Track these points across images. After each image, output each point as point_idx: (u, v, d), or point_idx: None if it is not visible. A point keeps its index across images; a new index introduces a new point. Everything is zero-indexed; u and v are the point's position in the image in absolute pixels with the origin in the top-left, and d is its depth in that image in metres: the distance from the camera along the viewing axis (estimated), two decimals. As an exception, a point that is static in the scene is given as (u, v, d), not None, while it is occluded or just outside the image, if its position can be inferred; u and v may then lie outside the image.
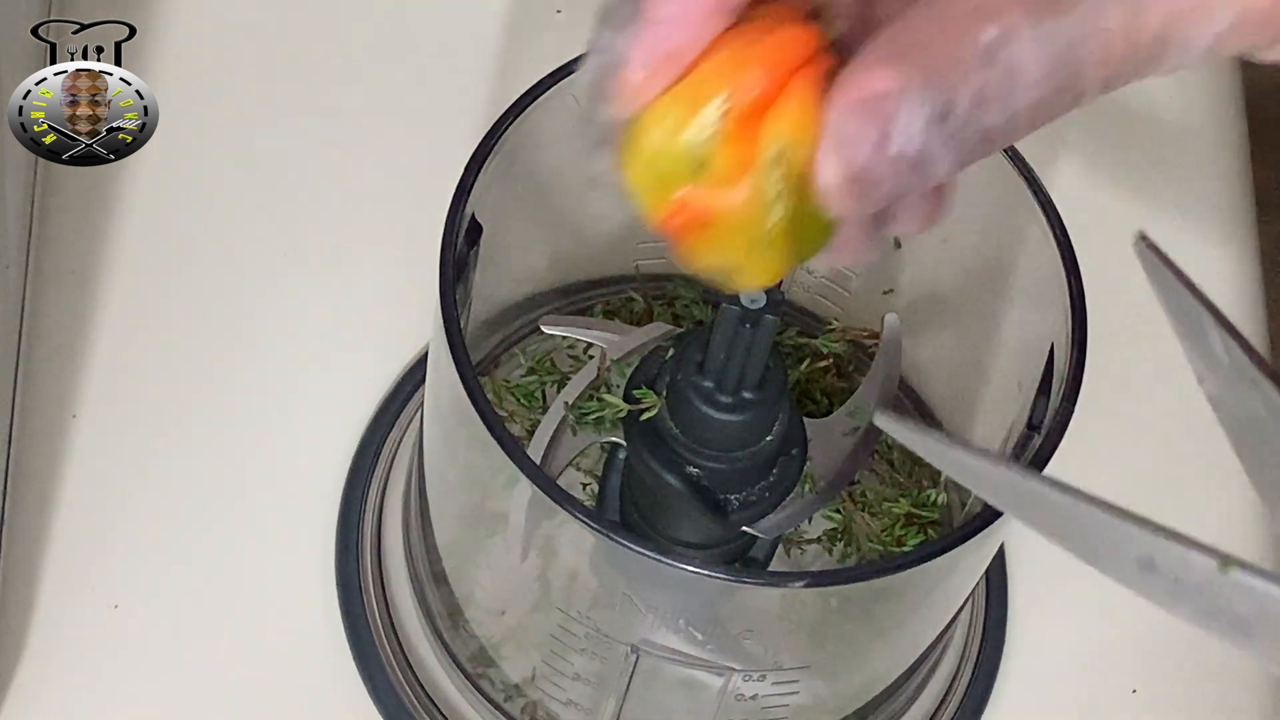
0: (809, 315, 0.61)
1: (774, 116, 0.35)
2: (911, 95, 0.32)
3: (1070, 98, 0.33)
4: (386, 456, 0.62)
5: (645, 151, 0.36)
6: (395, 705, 0.58)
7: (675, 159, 0.35)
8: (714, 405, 0.48)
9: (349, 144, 0.69)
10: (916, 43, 0.33)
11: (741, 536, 0.52)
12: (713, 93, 0.35)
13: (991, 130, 0.33)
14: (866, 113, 0.33)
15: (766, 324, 0.46)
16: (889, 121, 0.32)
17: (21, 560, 0.59)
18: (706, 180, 0.35)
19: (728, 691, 0.51)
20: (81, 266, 0.65)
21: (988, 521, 0.45)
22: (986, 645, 0.61)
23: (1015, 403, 0.52)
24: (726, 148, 0.35)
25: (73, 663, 0.58)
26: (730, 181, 0.35)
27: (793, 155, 0.35)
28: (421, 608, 0.58)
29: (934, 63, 0.32)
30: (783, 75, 0.35)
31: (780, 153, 0.35)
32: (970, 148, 0.33)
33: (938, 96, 0.32)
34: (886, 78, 0.32)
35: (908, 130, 0.32)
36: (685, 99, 0.35)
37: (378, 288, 0.66)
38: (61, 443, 0.61)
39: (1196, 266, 0.77)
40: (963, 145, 0.33)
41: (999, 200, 0.51)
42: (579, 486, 0.58)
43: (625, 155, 0.36)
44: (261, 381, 0.64)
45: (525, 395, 0.58)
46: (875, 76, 0.33)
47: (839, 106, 0.33)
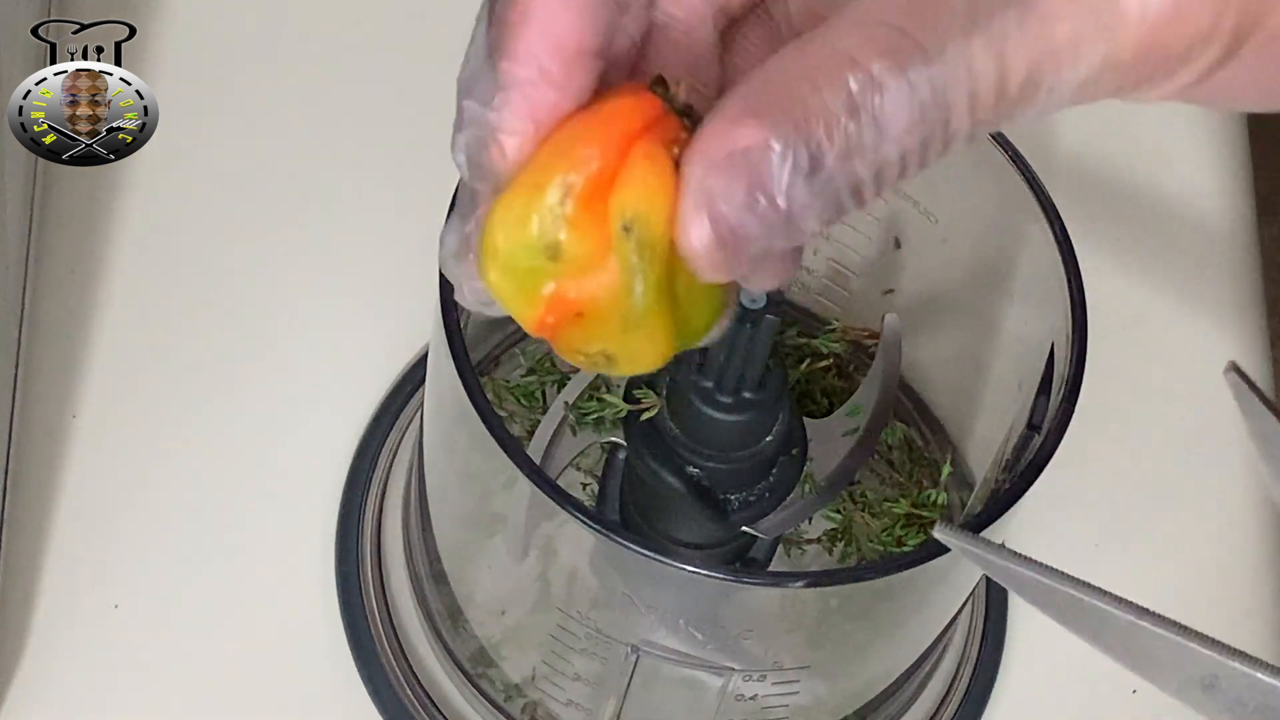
0: (809, 315, 0.61)
1: (620, 187, 0.33)
2: (779, 148, 0.31)
3: (939, 145, 0.32)
4: (386, 456, 0.62)
5: (498, 252, 0.34)
6: (395, 705, 0.58)
7: (528, 253, 0.33)
8: (714, 405, 0.48)
9: (349, 144, 0.69)
10: (779, 94, 0.31)
11: (741, 536, 0.52)
12: (551, 176, 0.33)
13: (861, 182, 0.31)
14: (733, 168, 0.31)
15: (766, 324, 0.46)
16: (758, 176, 0.31)
17: (21, 560, 0.59)
18: (567, 270, 0.33)
19: (728, 691, 0.51)
20: (81, 266, 0.65)
21: (988, 521, 0.45)
22: (986, 645, 0.61)
23: (1015, 403, 0.52)
24: (576, 230, 0.33)
25: (73, 663, 0.58)
26: (591, 266, 0.33)
27: (645, 224, 0.33)
28: (421, 608, 0.58)
29: (800, 114, 0.31)
30: (623, 144, 0.33)
31: (630, 223, 0.33)
32: (840, 200, 0.32)
33: (805, 149, 0.31)
34: (752, 131, 0.31)
35: (777, 185, 0.31)
36: (525, 189, 0.33)
37: (378, 288, 0.66)
38: (61, 443, 0.61)
39: (1197, 266, 0.77)
40: (832, 198, 0.31)
41: (999, 200, 0.51)
42: (579, 486, 0.58)
43: (481, 261, 0.34)
44: (261, 381, 0.64)
45: (525, 395, 0.58)
46: (740, 130, 0.31)
47: (701, 163, 0.32)
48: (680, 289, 0.34)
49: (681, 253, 0.32)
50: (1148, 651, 0.33)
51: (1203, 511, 0.66)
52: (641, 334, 0.34)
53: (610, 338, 0.34)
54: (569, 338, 0.34)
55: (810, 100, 0.31)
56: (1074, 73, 0.31)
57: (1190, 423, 0.68)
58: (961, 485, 0.58)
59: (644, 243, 0.33)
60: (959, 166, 0.52)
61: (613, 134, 0.33)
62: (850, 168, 0.31)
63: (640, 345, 0.34)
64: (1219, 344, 0.70)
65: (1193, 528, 0.66)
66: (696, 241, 0.32)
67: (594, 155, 0.33)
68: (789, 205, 0.31)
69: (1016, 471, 0.47)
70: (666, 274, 0.33)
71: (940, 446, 0.60)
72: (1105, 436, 0.65)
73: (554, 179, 0.33)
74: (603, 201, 0.33)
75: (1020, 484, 0.46)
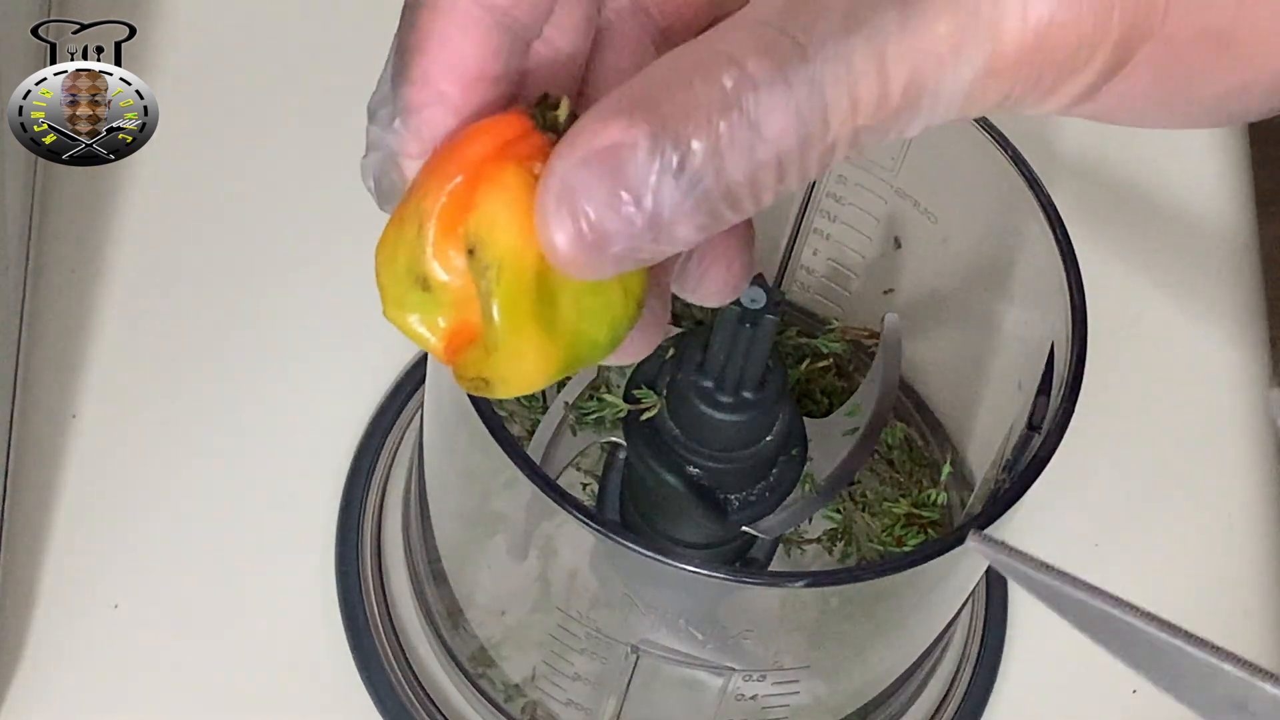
0: (809, 315, 0.61)
1: (472, 210, 0.32)
2: (647, 145, 0.30)
3: (818, 153, 0.31)
4: (386, 456, 0.62)
5: (387, 291, 0.34)
6: (395, 705, 0.58)
7: (404, 288, 0.33)
8: (714, 405, 0.48)
9: (349, 144, 0.69)
10: (650, 92, 0.30)
11: (741, 536, 0.52)
12: (412, 207, 0.33)
13: (734, 187, 0.30)
14: (597, 164, 0.30)
15: (766, 324, 0.46)
16: (622, 173, 0.30)
17: (21, 560, 0.59)
18: (447, 299, 0.33)
19: (728, 691, 0.51)
20: (81, 266, 0.65)
21: (988, 521, 0.45)
22: (986, 645, 0.61)
23: (1015, 403, 0.52)
24: (439, 259, 0.32)
25: (73, 663, 0.58)
26: (467, 294, 0.33)
27: (489, 244, 0.32)
28: (421, 608, 0.58)
29: (669, 110, 0.30)
30: (479, 167, 0.32)
31: (474, 244, 0.32)
32: (712, 207, 0.30)
33: (672, 145, 0.30)
34: (617, 128, 0.30)
35: (643, 182, 0.30)
36: (394, 223, 0.33)
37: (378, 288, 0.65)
38: (61, 443, 0.61)
39: (1197, 266, 0.77)
40: (703, 203, 0.30)
41: (999, 200, 0.51)
42: (579, 486, 0.58)
43: (383, 304, 0.34)
44: (262, 381, 0.64)
45: (525, 395, 0.58)
46: (605, 128, 0.30)
47: (565, 160, 0.31)
48: (567, 305, 0.33)
49: (544, 251, 0.31)
50: (1178, 670, 0.32)
51: (1203, 511, 0.66)
52: (507, 356, 0.33)
53: (480, 362, 0.33)
54: (461, 365, 0.34)
55: (682, 97, 0.30)
56: (957, 77, 0.31)
57: (1190, 422, 0.68)
58: (961, 485, 0.58)
59: (491, 264, 0.32)
60: (959, 166, 0.52)
61: (469, 156, 0.33)
62: (721, 168, 0.30)
63: (508, 368, 0.33)
64: (1219, 344, 0.70)
65: (1193, 528, 0.66)
66: (558, 240, 0.31)
67: (447, 181, 0.32)
68: (655, 205, 0.30)
69: (1016, 471, 0.47)
70: (531, 292, 0.32)
71: (940, 446, 0.60)
72: (1105, 436, 0.65)
73: (412, 210, 0.33)
74: (460, 235, 0.32)
75: (1020, 484, 0.46)
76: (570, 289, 0.33)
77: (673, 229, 0.31)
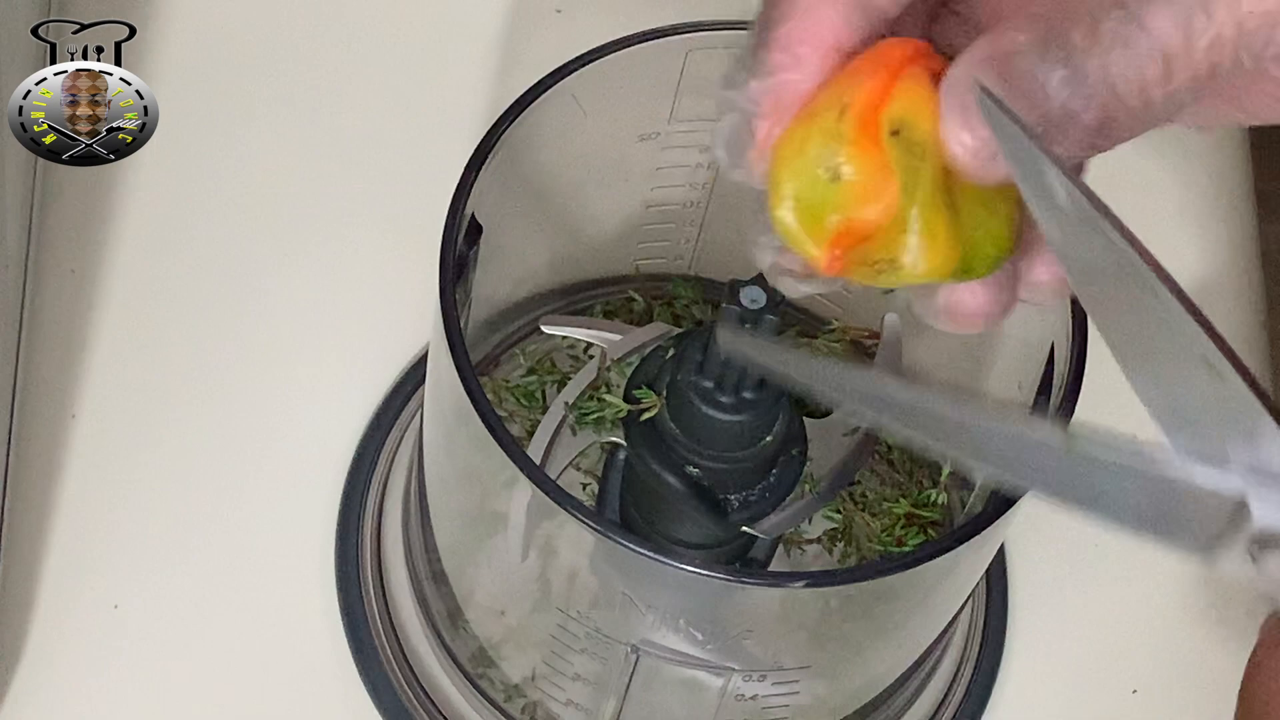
0: (809, 315, 0.61)
1: (889, 102, 0.34)
2: (1034, 46, 0.32)
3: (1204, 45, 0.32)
4: (386, 456, 0.62)
5: (781, 187, 0.35)
6: (395, 705, 0.58)
7: (811, 181, 0.35)
8: (714, 405, 0.48)
9: (349, 144, 0.69)
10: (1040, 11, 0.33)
11: (741, 536, 0.52)
12: (826, 105, 0.35)
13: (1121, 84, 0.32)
14: (991, 67, 0.32)
15: (766, 324, 0.46)
16: (1012, 71, 0.32)
17: (21, 560, 0.59)
18: (850, 194, 0.34)
19: (728, 692, 0.51)
20: (81, 266, 0.65)
21: (988, 521, 0.45)
22: (986, 645, 0.61)
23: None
24: (855, 148, 0.34)
25: (73, 663, 0.58)
26: (873, 189, 0.34)
27: (912, 127, 0.34)
28: (421, 608, 0.58)
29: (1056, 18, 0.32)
30: (891, 71, 0.35)
31: (898, 125, 0.34)
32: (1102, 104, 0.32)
33: (1059, 45, 0.32)
34: (1009, 38, 0.32)
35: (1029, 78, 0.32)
36: (802, 120, 0.35)
37: (377, 288, 0.66)
38: (61, 443, 0.61)
39: (1197, 266, 0.77)
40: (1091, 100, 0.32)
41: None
42: (579, 486, 0.58)
43: (770, 204, 0.35)
44: (261, 381, 0.64)
45: (525, 395, 0.58)
46: (999, 37, 0.32)
47: (965, 63, 0.33)
48: (966, 210, 0.35)
49: (948, 150, 0.33)
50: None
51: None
52: (923, 235, 0.35)
53: (894, 242, 0.35)
54: (856, 258, 0.35)
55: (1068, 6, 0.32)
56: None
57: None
58: (961, 485, 0.58)
59: (913, 143, 0.34)
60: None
61: (881, 65, 0.35)
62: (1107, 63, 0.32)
63: (922, 247, 0.35)
64: (1219, 344, 0.69)
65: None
66: (963, 136, 0.33)
67: (863, 81, 0.34)
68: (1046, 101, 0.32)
69: (1017, 471, 0.47)
70: (941, 179, 0.34)
71: (940, 446, 0.60)
72: (1105, 436, 0.65)
73: (829, 101, 0.35)
74: (877, 125, 0.34)
75: (1020, 484, 0.46)
76: (968, 197, 0.35)
77: (1064, 128, 0.33)
